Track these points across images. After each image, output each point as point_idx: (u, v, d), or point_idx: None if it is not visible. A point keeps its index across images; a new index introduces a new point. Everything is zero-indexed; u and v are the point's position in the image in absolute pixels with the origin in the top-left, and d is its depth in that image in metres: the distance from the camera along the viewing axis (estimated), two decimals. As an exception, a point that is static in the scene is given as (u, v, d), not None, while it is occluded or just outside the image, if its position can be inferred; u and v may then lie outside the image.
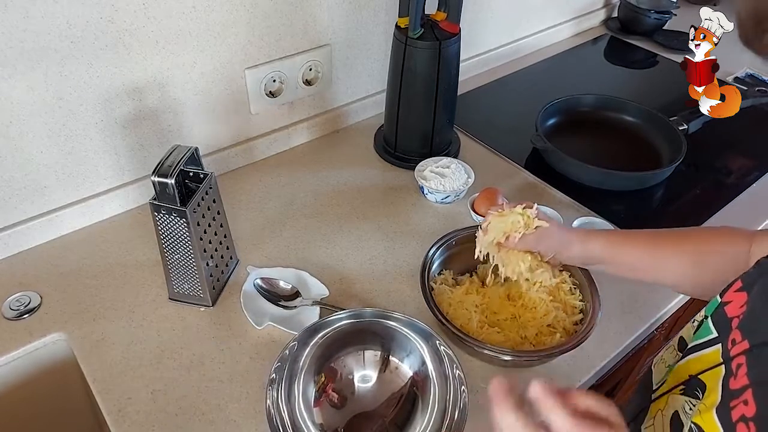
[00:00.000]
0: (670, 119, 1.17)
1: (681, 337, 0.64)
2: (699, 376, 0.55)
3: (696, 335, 0.59)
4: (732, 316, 0.54)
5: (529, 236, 0.75)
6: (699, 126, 1.19)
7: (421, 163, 1.04)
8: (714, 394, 0.51)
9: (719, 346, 0.54)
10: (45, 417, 0.88)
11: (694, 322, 0.61)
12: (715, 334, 0.55)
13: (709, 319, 0.57)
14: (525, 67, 1.44)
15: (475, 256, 0.80)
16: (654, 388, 0.64)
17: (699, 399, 0.54)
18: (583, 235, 0.76)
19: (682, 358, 0.59)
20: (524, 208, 0.76)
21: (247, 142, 1.07)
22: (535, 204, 0.77)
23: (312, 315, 0.82)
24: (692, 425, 0.52)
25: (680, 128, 1.15)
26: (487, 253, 0.79)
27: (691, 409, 0.55)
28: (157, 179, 0.71)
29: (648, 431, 0.60)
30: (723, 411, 0.48)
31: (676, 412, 0.56)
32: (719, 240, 0.70)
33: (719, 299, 0.57)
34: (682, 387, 0.57)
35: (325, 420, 0.70)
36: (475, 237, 0.80)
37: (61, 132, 0.86)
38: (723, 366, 0.52)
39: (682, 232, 0.75)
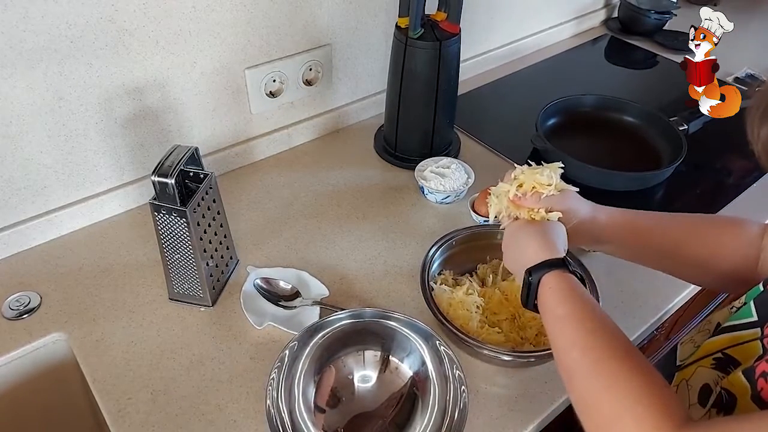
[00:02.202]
0: (670, 119, 1.17)
1: (718, 323, 0.64)
2: (732, 353, 0.57)
3: (734, 317, 0.59)
4: None
5: (556, 196, 0.70)
6: (699, 126, 1.19)
7: (421, 163, 1.04)
8: (746, 366, 0.53)
9: (758, 329, 0.55)
10: (45, 417, 0.88)
11: (732, 308, 0.62)
12: (755, 318, 0.56)
13: (752, 303, 0.58)
14: (525, 67, 1.44)
15: (492, 217, 0.74)
16: (678, 363, 0.65)
17: (730, 373, 0.55)
18: (594, 204, 0.73)
19: (716, 335, 0.60)
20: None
21: (247, 142, 1.07)
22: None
23: (312, 315, 0.82)
24: (721, 390, 0.54)
25: (680, 128, 1.15)
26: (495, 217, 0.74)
27: (720, 380, 0.56)
28: (157, 179, 0.71)
29: None
30: (749, 371, 0.51)
31: (707, 384, 0.58)
32: (732, 231, 0.70)
33: (761, 287, 0.58)
34: (713, 362, 0.59)
35: (325, 420, 0.70)
36: (487, 201, 0.75)
37: (61, 132, 0.86)
38: (759, 343, 0.54)
39: (697, 218, 0.74)
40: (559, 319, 0.59)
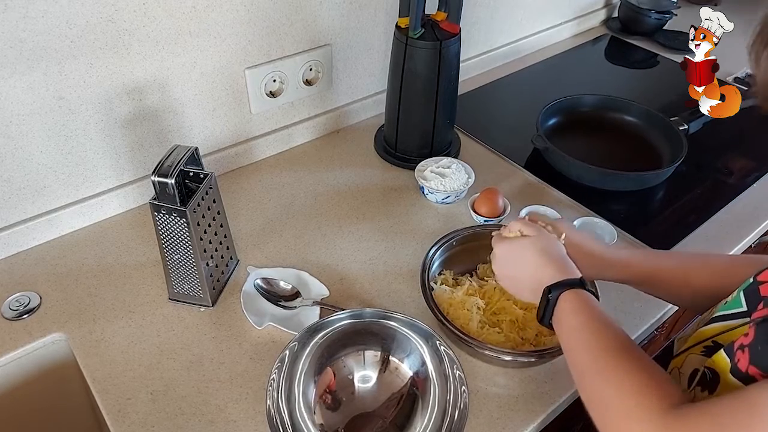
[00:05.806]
0: (671, 119, 1.17)
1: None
2: (720, 340, 0.58)
3: (725, 307, 0.61)
4: (765, 295, 0.56)
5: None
6: (699, 126, 1.19)
7: (421, 163, 1.04)
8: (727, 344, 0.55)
9: (747, 319, 0.57)
10: (45, 417, 0.88)
11: (726, 303, 0.63)
12: (744, 308, 0.58)
13: (741, 294, 0.59)
14: (525, 67, 1.44)
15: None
16: (674, 356, 0.67)
17: None
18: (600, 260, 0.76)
19: (708, 324, 0.62)
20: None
21: (247, 142, 1.07)
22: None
23: (312, 315, 0.82)
24: (705, 370, 0.56)
25: (680, 128, 1.15)
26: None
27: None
28: (157, 179, 0.71)
29: None
30: (729, 347, 0.54)
31: (696, 369, 0.60)
32: (742, 262, 0.71)
33: (752, 279, 0.59)
34: (703, 350, 0.61)
35: (325, 420, 0.70)
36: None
37: (61, 132, 0.86)
38: (746, 329, 0.55)
39: (707, 254, 0.77)
40: (573, 329, 0.62)
